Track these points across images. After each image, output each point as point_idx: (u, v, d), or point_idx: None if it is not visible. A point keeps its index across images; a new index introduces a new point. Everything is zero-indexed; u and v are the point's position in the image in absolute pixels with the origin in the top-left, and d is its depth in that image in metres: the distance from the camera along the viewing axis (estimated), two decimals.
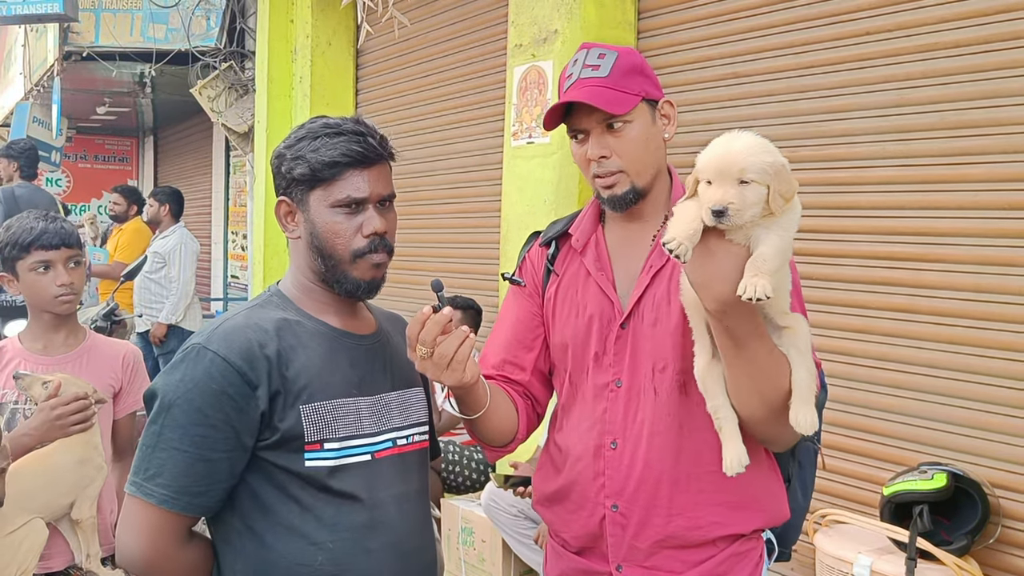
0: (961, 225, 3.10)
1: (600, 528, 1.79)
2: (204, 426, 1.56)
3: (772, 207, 1.50)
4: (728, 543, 1.75)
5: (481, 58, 5.47)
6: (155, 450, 1.58)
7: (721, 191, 1.48)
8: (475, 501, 4.24)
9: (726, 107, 3.86)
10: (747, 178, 1.49)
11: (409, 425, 1.78)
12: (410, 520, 1.73)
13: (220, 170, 10.18)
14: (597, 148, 1.76)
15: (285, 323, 1.67)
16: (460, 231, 5.72)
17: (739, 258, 1.48)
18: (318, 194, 1.66)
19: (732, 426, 1.65)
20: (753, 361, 1.55)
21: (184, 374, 1.58)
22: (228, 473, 1.59)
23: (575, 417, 1.84)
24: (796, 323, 1.61)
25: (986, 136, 3.04)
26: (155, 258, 7.01)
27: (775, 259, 1.49)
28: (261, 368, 1.59)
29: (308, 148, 1.65)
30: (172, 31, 8.17)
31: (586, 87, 1.73)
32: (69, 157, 12.45)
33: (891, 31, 3.30)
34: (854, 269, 3.40)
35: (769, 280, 1.45)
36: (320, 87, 6.90)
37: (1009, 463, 2.97)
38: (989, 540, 2.95)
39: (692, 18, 4.06)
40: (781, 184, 1.51)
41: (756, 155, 1.50)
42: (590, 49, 1.79)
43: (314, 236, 1.67)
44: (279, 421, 1.60)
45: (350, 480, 1.64)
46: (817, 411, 2.00)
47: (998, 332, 2.99)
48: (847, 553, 2.97)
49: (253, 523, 1.63)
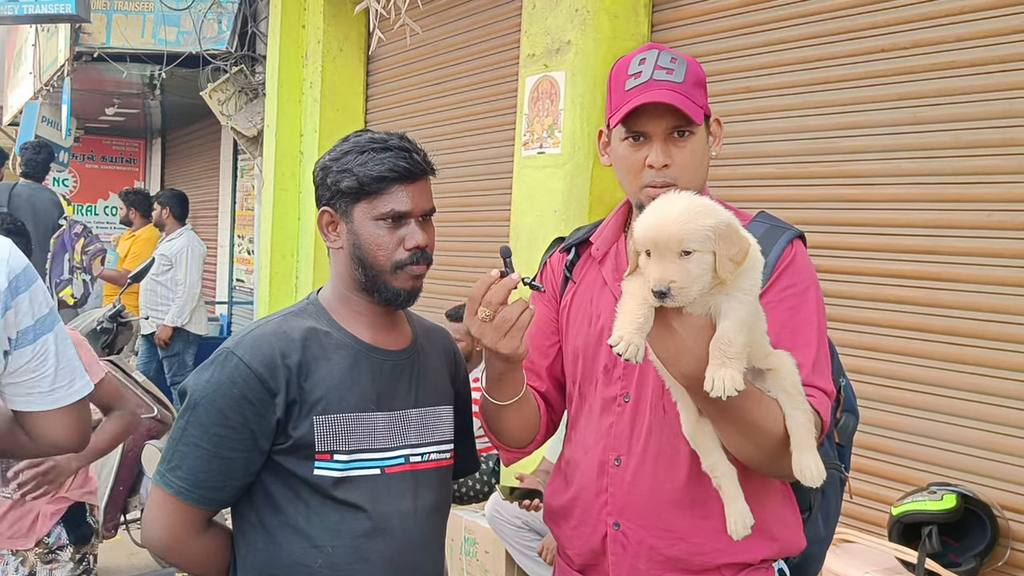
0: (974, 245, 3.08)
1: (602, 546, 1.75)
2: (223, 427, 1.65)
3: (721, 275, 1.35)
4: (734, 571, 1.69)
5: (492, 67, 5.47)
6: (179, 443, 1.68)
7: (661, 268, 1.35)
8: (479, 512, 4.22)
9: (739, 121, 3.84)
10: (688, 248, 1.35)
11: (428, 443, 1.81)
12: (413, 535, 1.76)
13: (227, 173, 10.19)
14: (662, 155, 1.68)
15: (313, 333, 1.73)
16: (469, 240, 5.71)
17: (703, 331, 1.40)
18: (363, 206, 1.71)
19: (732, 483, 1.56)
20: (741, 419, 1.48)
21: (211, 376, 1.68)
22: (244, 471, 1.68)
23: (582, 430, 1.81)
24: (780, 363, 1.51)
25: (1000, 156, 3.03)
26: (162, 260, 7.02)
27: (739, 335, 1.38)
28: (281, 377, 1.66)
29: (355, 162, 1.70)
30: (183, 34, 8.18)
31: (664, 90, 1.66)
32: (77, 157, 12.45)
33: (906, 49, 3.29)
34: (865, 287, 3.39)
35: (739, 366, 1.36)
36: (330, 93, 6.90)
37: (1019, 485, 2.95)
38: (998, 563, 2.93)
39: (706, 32, 4.06)
40: (728, 247, 1.36)
41: (695, 221, 1.35)
42: (661, 51, 1.72)
43: (356, 247, 1.72)
44: (292, 429, 1.67)
45: (355, 491, 1.70)
46: (848, 439, 1.96)
47: (1011, 353, 2.98)
48: (855, 573, 2.95)
49: (265, 519, 1.71)
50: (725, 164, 3.88)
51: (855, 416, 2.02)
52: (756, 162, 3.78)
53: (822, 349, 1.64)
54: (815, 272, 1.71)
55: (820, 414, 1.57)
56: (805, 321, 1.63)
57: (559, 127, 4.31)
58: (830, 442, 1.90)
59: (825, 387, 1.61)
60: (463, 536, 4.30)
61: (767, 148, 3.75)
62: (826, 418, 1.59)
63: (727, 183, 3.88)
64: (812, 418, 1.52)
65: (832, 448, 1.91)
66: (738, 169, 3.85)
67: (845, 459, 1.98)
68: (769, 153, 3.74)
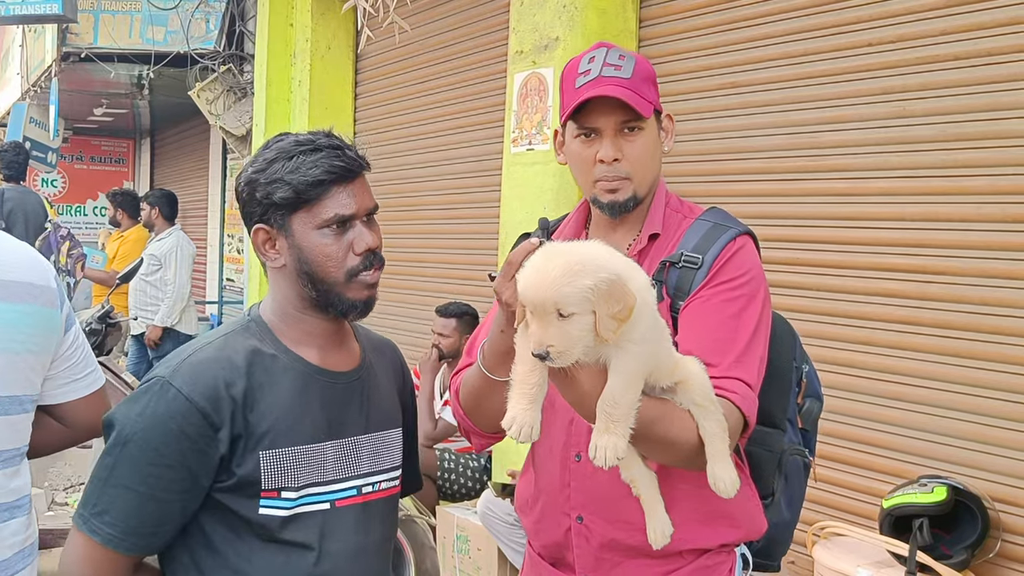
0: (963, 237, 3.09)
1: (566, 539, 1.77)
2: (159, 466, 1.49)
3: (603, 335, 1.31)
4: (695, 556, 1.73)
5: (481, 64, 5.46)
6: (106, 485, 1.51)
7: (540, 331, 1.31)
8: (471, 509, 4.22)
9: (726, 116, 3.85)
10: (566, 312, 1.30)
11: (379, 471, 1.69)
12: (363, 572, 1.65)
13: (217, 173, 10.16)
14: (612, 150, 1.71)
15: (258, 356, 1.58)
16: (459, 237, 5.71)
17: (599, 376, 1.38)
18: (301, 217, 1.56)
19: (653, 492, 1.57)
20: (657, 438, 1.49)
21: (144, 408, 1.51)
22: (180, 514, 1.53)
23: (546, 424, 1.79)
24: (688, 374, 1.50)
25: (987, 148, 3.04)
26: (151, 260, 7.00)
27: (627, 393, 1.35)
28: (225, 410, 1.51)
29: (285, 169, 1.54)
30: (171, 33, 8.15)
31: (611, 85, 1.68)
32: (65, 158, 12.41)
33: (892, 43, 3.29)
34: (855, 280, 3.39)
35: (623, 430, 1.33)
36: (319, 91, 6.88)
37: (1010, 477, 2.96)
38: (989, 554, 2.93)
39: (693, 27, 4.06)
40: (610, 306, 1.31)
41: (572, 284, 1.30)
42: (610, 49, 1.74)
43: (302, 262, 1.57)
44: (237, 466, 1.53)
45: (303, 529, 1.57)
46: (812, 424, 1.98)
47: (1000, 345, 2.98)
48: (846, 566, 2.96)
49: (201, 562, 1.56)
50: (710, 159, 3.88)
51: (819, 401, 2.04)
52: (741, 157, 3.79)
53: (755, 341, 1.65)
54: (760, 267, 1.72)
55: (742, 410, 1.58)
56: (737, 315, 1.65)
57: (548, 124, 4.30)
58: (793, 428, 1.92)
59: (746, 378, 1.61)
60: (455, 534, 4.30)
61: (752, 143, 3.75)
62: (748, 412, 1.60)
63: (712, 178, 3.88)
64: (725, 426, 1.52)
65: (796, 433, 1.94)
66: (723, 164, 3.85)
67: (810, 444, 2.00)
68: (754, 148, 3.74)
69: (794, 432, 1.92)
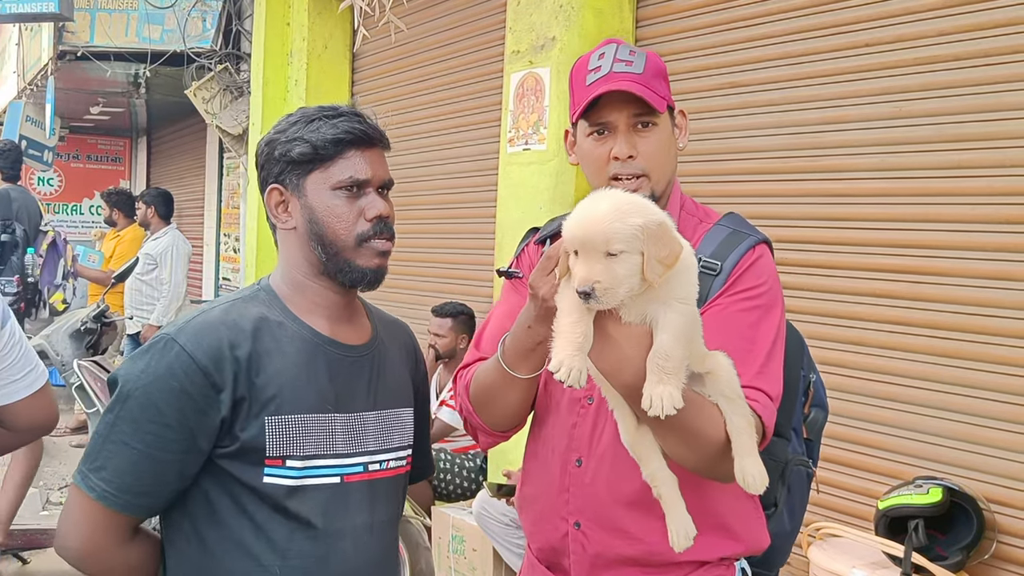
0: (958, 238, 3.09)
1: (563, 544, 1.74)
2: (158, 424, 1.48)
3: (649, 277, 1.30)
4: (693, 568, 1.68)
5: (478, 64, 5.46)
6: (106, 441, 1.50)
7: (586, 268, 1.30)
8: (466, 509, 4.22)
9: (724, 117, 3.84)
10: (614, 249, 1.29)
11: (386, 449, 1.67)
12: (367, 554, 1.63)
13: (213, 172, 10.14)
14: (626, 146, 1.65)
15: (265, 323, 1.56)
16: (455, 236, 5.71)
17: (642, 339, 1.36)
18: (316, 177, 1.57)
19: (674, 492, 1.52)
20: (683, 427, 1.45)
21: (147, 365, 1.50)
22: (178, 476, 1.51)
23: (548, 427, 1.78)
24: (717, 365, 1.47)
25: (984, 150, 3.03)
26: (146, 260, 6.99)
27: (677, 348, 1.33)
28: (228, 370, 1.50)
29: (306, 130, 1.57)
30: (168, 32, 8.14)
31: (623, 80, 1.64)
32: (61, 157, 12.39)
33: (890, 43, 3.29)
34: (850, 281, 3.39)
35: (677, 382, 1.32)
36: (315, 90, 6.87)
37: (1005, 478, 2.96)
38: (984, 556, 2.93)
39: (690, 27, 4.05)
40: (658, 248, 1.30)
41: (622, 220, 1.30)
42: (620, 45, 1.70)
43: (313, 223, 1.57)
44: (240, 430, 1.51)
45: (309, 504, 1.55)
46: (816, 434, 1.95)
47: (994, 346, 2.98)
48: (841, 567, 2.95)
49: (203, 531, 1.55)
50: (709, 159, 3.88)
51: (824, 411, 2.00)
52: (740, 157, 3.78)
53: (774, 352, 1.62)
54: (777, 278, 1.69)
55: (762, 419, 1.55)
56: (757, 323, 1.62)
57: (544, 123, 4.30)
58: (798, 437, 1.89)
59: (770, 390, 1.58)
60: (451, 534, 4.29)
61: (751, 143, 3.74)
62: (768, 423, 1.56)
63: (711, 178, 3.88)
64: (753, 422, 1.49)
65: (800, 443, 1.90)
66: (722, 164, 3.85)
67: (813, 454, 1.97)
68: (753, 148, 3.74)
69: (798, 442, 1.89)
